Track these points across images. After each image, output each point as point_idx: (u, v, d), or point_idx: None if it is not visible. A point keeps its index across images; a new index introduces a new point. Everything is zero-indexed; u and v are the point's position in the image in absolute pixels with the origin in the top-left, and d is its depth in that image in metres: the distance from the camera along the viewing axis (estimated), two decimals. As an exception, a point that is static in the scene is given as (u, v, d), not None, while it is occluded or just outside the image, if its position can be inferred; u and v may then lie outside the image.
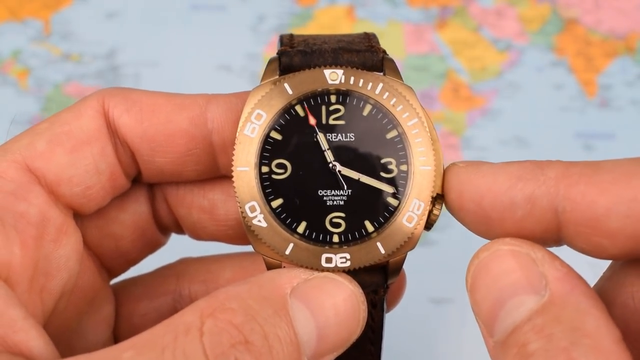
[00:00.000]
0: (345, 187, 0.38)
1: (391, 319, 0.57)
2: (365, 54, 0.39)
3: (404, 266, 0.41)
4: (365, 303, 0.37)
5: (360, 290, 0.37)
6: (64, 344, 0.41)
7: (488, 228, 0.36)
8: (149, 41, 0.71)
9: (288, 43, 0.40)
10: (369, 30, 0.42)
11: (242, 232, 0.38)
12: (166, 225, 0.45)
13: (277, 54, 0.40)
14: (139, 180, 0.43)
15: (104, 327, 0.44)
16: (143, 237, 0.45)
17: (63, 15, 0.72)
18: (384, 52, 0.40)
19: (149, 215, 0.45)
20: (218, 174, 0.43)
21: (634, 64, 0.69)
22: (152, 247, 0.46)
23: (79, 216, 0.42)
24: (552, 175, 0.34)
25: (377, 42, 0.41)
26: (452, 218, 0.65)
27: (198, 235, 0.45)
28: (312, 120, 0.38)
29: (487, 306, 0.33)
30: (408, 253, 0.39)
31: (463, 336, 0.63)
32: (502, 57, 0.70)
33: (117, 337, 0.45)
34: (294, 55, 0.39)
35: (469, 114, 0.68)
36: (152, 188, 0.45)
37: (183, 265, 0.46)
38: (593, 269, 0.37)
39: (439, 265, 0.64)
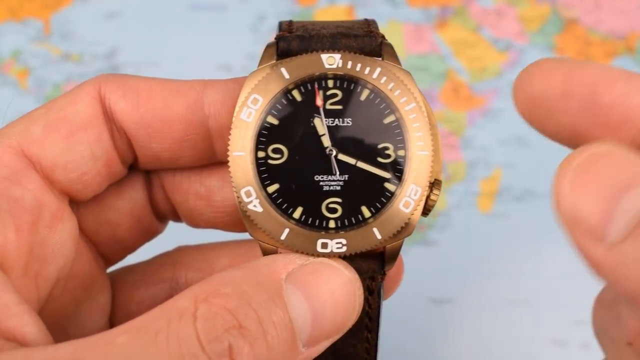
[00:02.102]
0: (339, 172, 0.38)
1: (391, 319, 0.57)
2: (364, 39, 0.39)
3: (404, 260, 0.40)
4: (362, 289, 0.37)
5: (357, 276, 0.37)
6: (60, 330, 0.41)
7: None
8: (149, 41, 0.71)
9: (287, 28, 0.40)
10: (368, 29, 0.42)
11: (238, 218, 0.38)
12: (163, 213, 0.45)
13: (275, 38, 0.39)
14: (136, 167, 0.43)
15: (100, 314, 0.44)
16: (140, 225, 0.45)
17: (63, 15, 0.72)
18: (383, 37, 0.40)
19: (145, 202, 0.44)
20: (215, 160, 0.42)
21: (634, 64, 0.69)
22: (149, 234, 0.46)
23: (75, 203, 0.42)
24: None
25: (377, 28, 0.40)
26: (452, 218, 0.65)
27: (195, 222, 0.45)
28: (319, 102, 0.38)
29: (597, 206, 0.30)
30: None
31: (463, 336, 0.63)
32: (502, 57, 0.70)
33: (113, 324, 0.45)
34: (292, 40, 0.39)
35: (469, 114, 0.68)
36: (148, 175, 0.44)
37: (180, 253, 0.46)
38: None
39: (439, 265, 0.64)
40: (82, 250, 0.42)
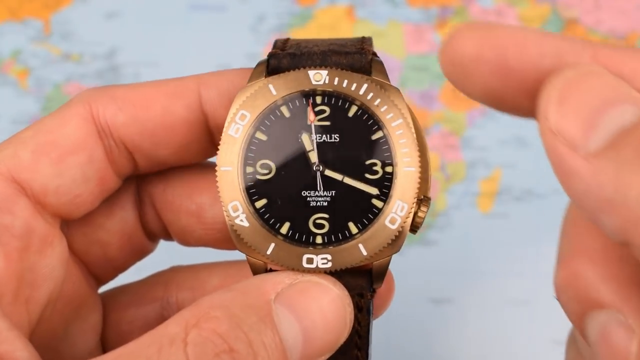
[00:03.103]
0: (326, 188, 0.38)
1: (391, 319, 0.57)
2: (354, 56, 0.39)
3: (396, 271, 0.40)
4: (352, 305, 0.37)
5: (346, 293, 0.37)
6: (51, 351, 0.41)
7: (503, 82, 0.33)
8: (149, 41, 0.71)
9: (280, 46, 0.40)
10: (368, 30, 0.42)
11: (229, 236, 0.39)
12: (154, 232, 0.45)
13: (267, 56, 0.40)
14: (135, 173, 0.43)
15: (91, 335, 0.44)
16: (130, 244, 0.44)
17: (63, 15, 0.72)
18: (374, 54, 0.40)
19: (136, 221, 0.44)
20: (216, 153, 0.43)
21: (634, 64, 0.69)
22: (140, 254, 0.46)
23: (66, 222, 0.41)
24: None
25: (370, 45, 0.40)
26: (452, 218, 0.65)
27: (186, 240, 0.44)
28: (312, 117, 0.38)
29: (581, 116, 0.30)
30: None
31: (463, 336, 0.63)
32: (502, 57, 0.70)
33: (104, 344, 0.45)
34: (283, 58, 0.39)
35: (469, 114, 0.68)
36: (139, 194, 0.44)
37: (172, 273, 0.46)
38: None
39: (439, 265, 0.64)
40: (72, 271, 0.42)
